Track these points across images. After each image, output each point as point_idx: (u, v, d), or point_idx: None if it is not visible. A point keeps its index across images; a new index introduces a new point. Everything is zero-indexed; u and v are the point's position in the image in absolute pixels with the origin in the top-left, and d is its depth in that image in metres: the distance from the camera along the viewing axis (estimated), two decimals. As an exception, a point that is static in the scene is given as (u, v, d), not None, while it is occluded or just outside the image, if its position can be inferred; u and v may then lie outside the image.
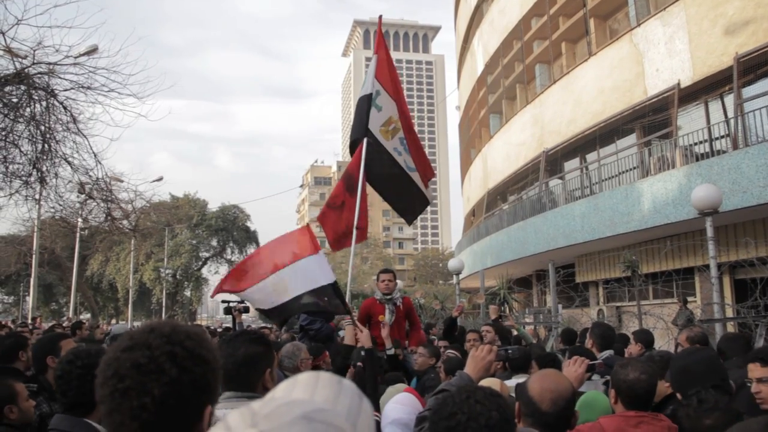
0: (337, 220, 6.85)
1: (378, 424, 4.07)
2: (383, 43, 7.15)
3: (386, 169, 7.00)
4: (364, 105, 6.74)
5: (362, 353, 4.62)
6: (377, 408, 4.24)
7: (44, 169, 12.03)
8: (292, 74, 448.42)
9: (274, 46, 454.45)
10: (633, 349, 5.91)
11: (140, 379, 1.23)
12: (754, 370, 3.36)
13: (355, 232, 6.67)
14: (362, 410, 1.15)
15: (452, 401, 1.95)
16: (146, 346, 1.27)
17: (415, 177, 7.28)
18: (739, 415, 2.77)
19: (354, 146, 6.84)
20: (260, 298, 4.84)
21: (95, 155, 12.28)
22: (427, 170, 7.49)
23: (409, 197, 7.44)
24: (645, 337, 6.12)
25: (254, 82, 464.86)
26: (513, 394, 3.73)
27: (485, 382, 2.99)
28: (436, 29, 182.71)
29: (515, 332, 9.03)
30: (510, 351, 3.77)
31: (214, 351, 1.37)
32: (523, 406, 2.63)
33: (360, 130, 6.73)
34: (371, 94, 6.73)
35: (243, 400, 2.16)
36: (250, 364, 2.27)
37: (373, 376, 4.50)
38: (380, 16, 8.29)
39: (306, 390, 1.14)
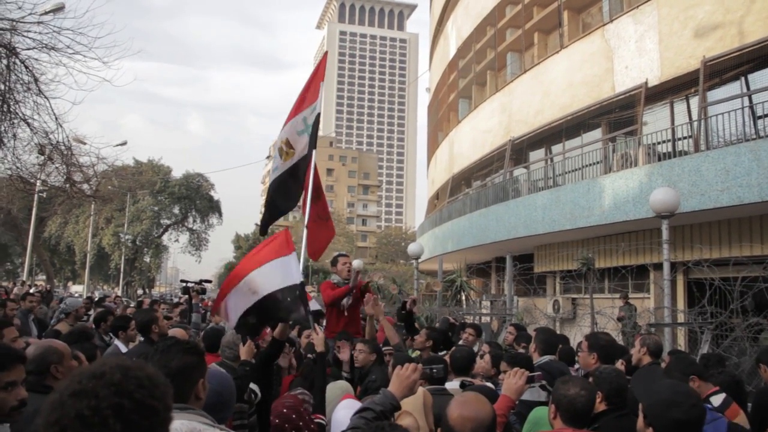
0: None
1: (323, 427, 4.07)
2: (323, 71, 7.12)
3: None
4: (317, 124, 6.75)
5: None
6: (323, 410, 4.25)
7: (2, 129, 11.76)
8: (273, 43, 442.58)
9: (255, 13, 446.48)
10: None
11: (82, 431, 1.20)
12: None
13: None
14: None
15: None
16: (93, 395, 1.23)
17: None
18: None
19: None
20: (236, 303, 4.61)
21: (56, 118, 12.04)
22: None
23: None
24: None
25: (233, 49, 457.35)
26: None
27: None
28: (412, 7, 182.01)
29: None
30: (435, 370, 3.77)
31: (167, 398, 1.33)
32: None
33: (311, 147, 6.75)
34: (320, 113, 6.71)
35: (175, 411, 2.13)
36: (183, 375, 2.24)
37: (322, 380, 4.49)
38: (326, 52, 8.23)
39: None
